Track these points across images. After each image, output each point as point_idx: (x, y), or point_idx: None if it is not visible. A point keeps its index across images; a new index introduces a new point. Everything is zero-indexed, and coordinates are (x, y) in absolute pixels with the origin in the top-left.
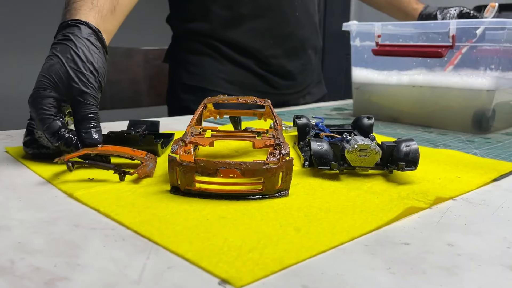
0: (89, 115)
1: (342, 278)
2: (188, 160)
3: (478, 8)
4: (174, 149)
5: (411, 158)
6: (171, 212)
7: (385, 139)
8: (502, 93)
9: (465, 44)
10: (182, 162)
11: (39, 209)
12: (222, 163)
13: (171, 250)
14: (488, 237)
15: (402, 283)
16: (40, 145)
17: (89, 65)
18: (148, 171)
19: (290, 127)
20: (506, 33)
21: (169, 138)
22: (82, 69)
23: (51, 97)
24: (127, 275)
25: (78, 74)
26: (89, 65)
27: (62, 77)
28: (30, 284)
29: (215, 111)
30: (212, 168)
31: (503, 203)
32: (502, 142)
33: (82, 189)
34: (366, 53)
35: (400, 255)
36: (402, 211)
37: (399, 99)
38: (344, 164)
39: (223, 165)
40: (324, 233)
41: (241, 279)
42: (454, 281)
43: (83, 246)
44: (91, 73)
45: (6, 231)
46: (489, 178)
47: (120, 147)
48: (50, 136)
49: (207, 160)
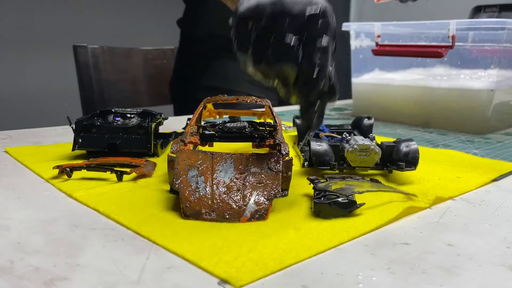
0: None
1: (342, 278)
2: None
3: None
4: (173, 149)
5: (411, 158)
6: (171, 212)
7: (384, 139)
8: (502, 93)
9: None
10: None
11: (39, 209)
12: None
13: (170, 250)
14: (488, 237)
15: (402, 283)
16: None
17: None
18: (146, 171)
19: (290, 127)
20: (506, 33)
21: (168, 138)
22: None
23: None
24: (127, 275)
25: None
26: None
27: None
28: (29, 284)
29: (214, 111)
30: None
31: (503, 203)
32: (502, 142)
33: (81, 190)
34: (366, 53)
35: (400, 255)
36: (402, 211)
37: (399, 99)
38: (344, 164)
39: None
40: (324, 233)
41: (241, 279)
42: (454, 281)
43: (82, 246)
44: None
45: (6, 231)
46: (489, 178)
47: (119, 157)
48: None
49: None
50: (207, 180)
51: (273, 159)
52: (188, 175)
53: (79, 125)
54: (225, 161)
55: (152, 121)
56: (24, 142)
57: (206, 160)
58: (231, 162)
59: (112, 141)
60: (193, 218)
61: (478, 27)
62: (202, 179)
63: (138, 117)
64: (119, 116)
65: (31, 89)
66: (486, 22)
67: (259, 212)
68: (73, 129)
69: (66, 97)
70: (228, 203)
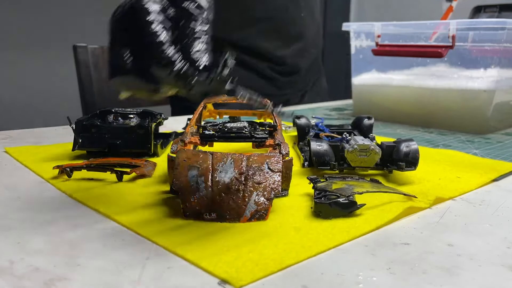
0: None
1: (342, 278)
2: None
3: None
4: (173, 149)
5: (411, 158)
6: (171, 212)
7: (385, 139)
8: (502, 93)
9: None
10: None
11: (39, 209)
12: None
13: (170, 250)
14: (488, 237)
15: (402, 283)
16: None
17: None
18: (146, 171)
19: (290, 127)
20: (506, 33)
21: (168, 138)
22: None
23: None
24: (127, 276)
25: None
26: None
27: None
28: (29, 284)
29: (214, 111)
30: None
31: (503, 203)
32: (502, 142)
33: (82, 190)
34: (366, 53)
35: (400, 255)
36: (402, 211)
37: (399, 99)
38: (344, 164)
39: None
40: (324, 233)
41: (241, 279)
42: (454, 281)
43: (83, 246)
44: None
45: (6, 231)
46: (489, 178)
47: (119, 157)
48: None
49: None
50: (207, 180)
51: (273, 159)
52: (188, 175)
53: (79, 125)
54: (225, 161)
55: (152, 121)
56: (24, 142)
57: (206, 160)
58: (231, 162)
59: (112, 141)
60: (193, 218)
61: (478, 27)
62: (202, 179)
63: (138, 117)
64: (119, 116)
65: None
66: (486, 22)
67: (259, 212)
68: (73, 129)
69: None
70: (228, 203)
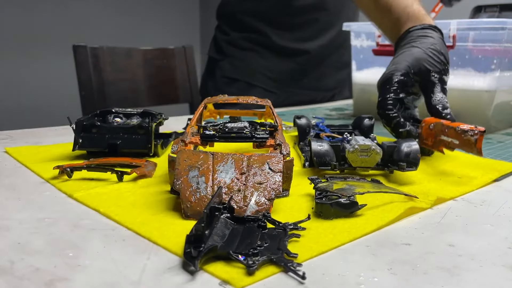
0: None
1: (343, 278)
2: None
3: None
4: (174, 149)
5: (412, 158)
6: (171, 212)
7: (386, 139)
8: (502, 93)
9: None
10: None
11: (39, 209)
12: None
13: (171, 250)
14: (489, 237)
15: (403, 283)
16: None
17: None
18: (146, 172)
19: (290, 127)
20: (506, 33)
21: (169, 138)
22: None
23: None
24: (127, 276)
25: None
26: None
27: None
28: (30, 284)
29: (215, 111)
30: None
31: (504, 203)
32: (503, 142)
33: (82, 190)
34: (367, 53)
35: (401, 255)
36: (403, 212)
37: None
38: (345, 165)
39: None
40: (325, 234)
41: (242, 280)
42: (455, 281)
43: (83, 246)
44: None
45: (6, 231)
46: (490, 179)
47: (120, 157)
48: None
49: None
50: (208, 180)
51: (274, 159)
52: (189, 176)
53: (79, 125)
54: (226, 161)
55: (152, 121)
56: (24, 142)
57: (207, 161)
58: (232, 163)
59: (112, 141)
60: (194, 219)
61: (479, 27)
62: (203, 179)
63: (138, 117)
64: (119, 116)
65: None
66: (486, 22)
67: (260, 212)
68: (73, 129)
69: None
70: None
